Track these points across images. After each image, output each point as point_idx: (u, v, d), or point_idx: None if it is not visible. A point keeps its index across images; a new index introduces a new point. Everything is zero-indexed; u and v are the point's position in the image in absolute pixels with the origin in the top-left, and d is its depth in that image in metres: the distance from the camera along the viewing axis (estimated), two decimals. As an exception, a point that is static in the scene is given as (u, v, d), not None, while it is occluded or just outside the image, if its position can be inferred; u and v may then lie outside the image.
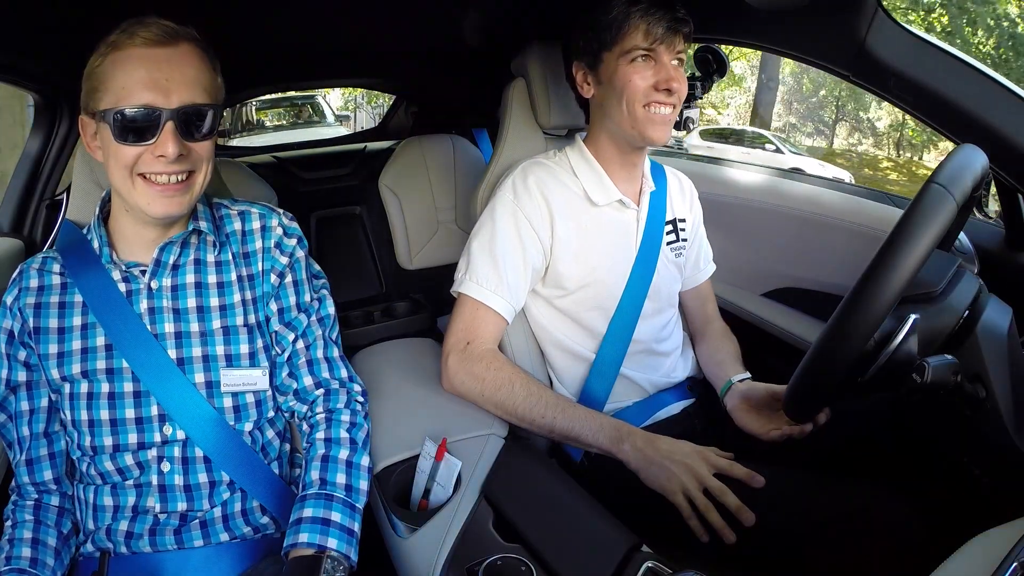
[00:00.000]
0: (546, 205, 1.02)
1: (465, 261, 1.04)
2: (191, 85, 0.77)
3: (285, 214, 0.96)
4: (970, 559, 0.56)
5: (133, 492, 0.83)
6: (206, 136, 0.80)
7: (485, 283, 1.01)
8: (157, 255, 0.85)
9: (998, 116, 0.89)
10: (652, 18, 0.94)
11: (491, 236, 1.02)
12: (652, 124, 0.98)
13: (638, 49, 0.96)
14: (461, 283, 1.03)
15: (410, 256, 2.16)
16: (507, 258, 1.01)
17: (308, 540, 0.78)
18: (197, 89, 0.78)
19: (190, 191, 0.81)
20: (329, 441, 0.88)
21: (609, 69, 0.99)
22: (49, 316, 0.84)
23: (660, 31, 0.94)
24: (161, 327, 0.84)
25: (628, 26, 0.96)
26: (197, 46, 0.79)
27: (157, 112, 0.75)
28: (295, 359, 0.92)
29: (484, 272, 1.01)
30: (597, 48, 1.00)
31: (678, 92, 0.97)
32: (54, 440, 0.86)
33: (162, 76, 0.76)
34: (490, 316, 1.01)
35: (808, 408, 0.75)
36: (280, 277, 0.92)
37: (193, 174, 0.80)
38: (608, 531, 0.76)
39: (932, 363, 0.66)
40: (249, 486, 0.86)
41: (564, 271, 1.04)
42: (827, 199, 1.45)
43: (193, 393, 0.84)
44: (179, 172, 0.79)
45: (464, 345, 1.01)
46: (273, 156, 2.26)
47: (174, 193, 0.79)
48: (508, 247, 1.01)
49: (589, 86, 1.04)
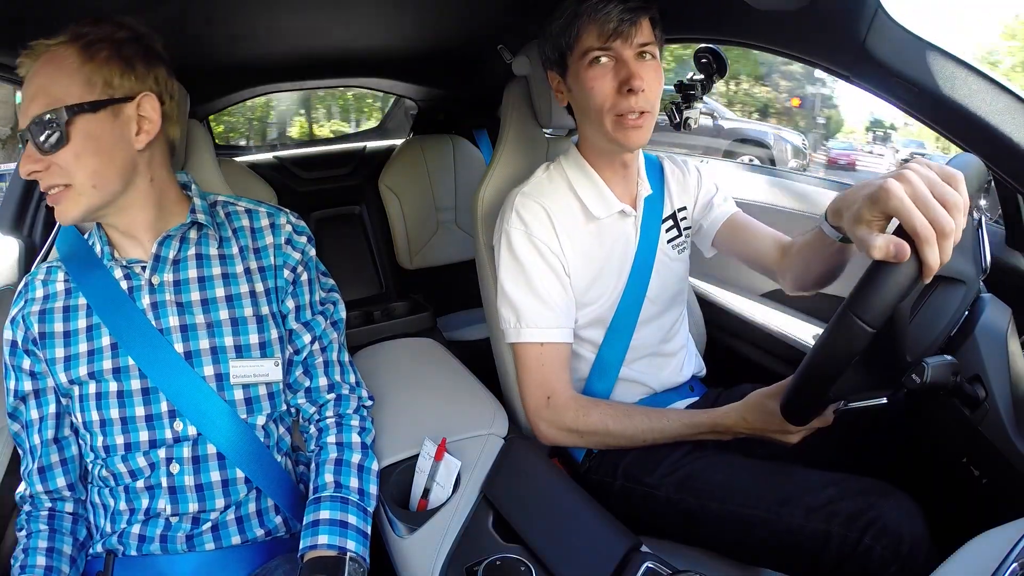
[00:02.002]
0: (553, 229, 0.99)
1: (509, 309, 0.99)
2: (34, 98, 0.74)
3: (292, 213, 0.95)
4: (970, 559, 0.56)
5: (145, 495, 0.82)
6: (58, 145, 0.74)
7: (542, 323, 0.97)
8: (156, 250, 0.84)
9: (998, 116, 0.89)
10: (601, 14, 0.87)
11: (524, 274, 0.98)
12: (623, 130, 0.92)
13: (593, 50, 0.89)
14: (518, 333, 0.98)
15: (410, 256, 2.16)
16: (548, 289, 0.98)
17: (329, 542, 0.78)
18: (39, 99, 0.74)
19: (72, 198, 0.77)
20: (341, 445, 0.89)
21: (572, 75, 0.95)
22: (54, 321, 0.83)
23: (612, 25, 0.87)
24: (166, 321, 0.84)
25: (578, 27, 0.90)
26: (59, 50, 0.76)
27: (20, 135, 0.76)
28: (311, 359, 0.92)
29: (535, 313, 0.98)
30: (561, 54, 0.95)
31: (646, 89, 0.89)
32: (64, 446, 0.85)
33: (23, 100, 0.76)
34: (556, 351, 0.98)
35: (808, 411, 0.75)
36: (293, 273, 0.91)
37: (68, 187, 0.76)
38: (608, 531, 0.76)
39: (932, 363, 0.66)
40: (263, 483, 0.86)
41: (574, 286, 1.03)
42: (827, 199, 1.45)
43: (202, 386, 0.82)
44: (51, 187, 0.77)
45: (546, 401, 0.98)
46: (273, 156, 2.27)
47: (54, 202, 0.78)
48: (544, 278, 0.98)
49: (563, 94, 1.00)
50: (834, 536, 0.77)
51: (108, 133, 0.77)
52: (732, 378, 1.17)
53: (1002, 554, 0.53)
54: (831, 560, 0.77)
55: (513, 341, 1.00)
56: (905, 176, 0.58)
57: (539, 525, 0.78)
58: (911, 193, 0.57)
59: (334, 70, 1.88)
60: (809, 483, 0.83)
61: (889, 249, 0.56)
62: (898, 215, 0.57)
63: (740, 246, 1.13)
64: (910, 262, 0.56)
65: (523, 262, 0.98)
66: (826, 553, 0.77)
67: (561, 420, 0.97)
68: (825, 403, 0.72)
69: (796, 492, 0.83)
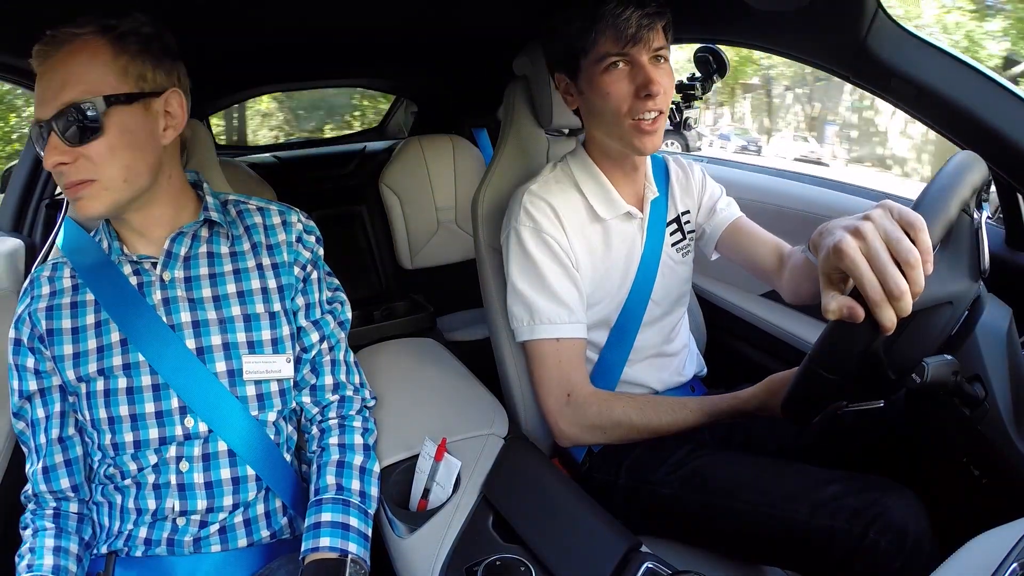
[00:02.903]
0: (561, 226, 0.99)
1: (522, 307, 0.98)
2: (64, 86, 0.72)
3: (302, 212, 0.95)
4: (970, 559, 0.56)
5: (152, 495, 0.82)
6: (92, 136, 0.72)
7: (556, 318, 0.96)
8: (168, 246, 0.84)
9: (998, 116, 0.89)
10: (620, 20, 0.87)
11: (535, 271, 0.97)
12: (639, 135, 0.92)
13: (610, 55, 0.89)
14: (532, 331, 0.97)
15: (410, 256, 2.16)
16: (561, 284, 0.97)
17: (331, 544, 0.78)
18: (72, 87, 0.72)
19: (95, 194, 0.75)
20: (343, 447, 0.89)
21: (586, 79, 0.94)
22: (62, 317, 0.83)
23: (631, 31, 0.87)
24: (177, 317, 0.83)
25: (596, 32, 0.89)
26: (89, 39, 0.73)
27: (40, 126, 0.73)
28: (319, 358, 0.92)
29: (548, 309, 0.97)
30: (573, 56, 0.95)
31: (662, 94, 0.90)
32: (69, 446, 0.85)
33: (42, 89, 0.73)
34: (573, 347, 0.97)
35: (808, 410, 0.75)
36: (303, 271, 0.91)
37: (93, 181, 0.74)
38: (607, 531, 0.76)
39: (931, 363, 0.66)
40: (272, 481, 0.86)
41: None
42: (827, 199, 1.45)
43: (214, 383, 0.82)
44: (73, 184, 0.74)
45: (566, 399, 0.96)
46: (274, 156, 2.27)
47: (75, 196, 0.75)
48: (556, 274, 0.97)
49: (573, 97, 1.00)
50: (839, 531, 0.77)
51: (141, 127, 0.77)
52: (733, 378, 1.17)
53: (1002, 554, 0.53)
54: (837, 555, 0.77)
55: (526, 339, 0.99)
56: (862, 231, 0.58)
57: (539, 525, 0.78)
58: (866, 251, 0.57)
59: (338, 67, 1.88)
60: (813, 479, 0.84)
61: (843, 312, 0.58)
62: (851, 276, 0.58)
63: (742, 252, 1.14)
64: (866, 320, 0.57)
65: (534, 259, 0.97)
66: (832, 548, 0.78)
67: (584, 416, 0.95)
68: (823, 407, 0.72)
69: (801, 488, 0.83)
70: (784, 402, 0.74)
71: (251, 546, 0.85)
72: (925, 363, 0.66)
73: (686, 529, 0.92)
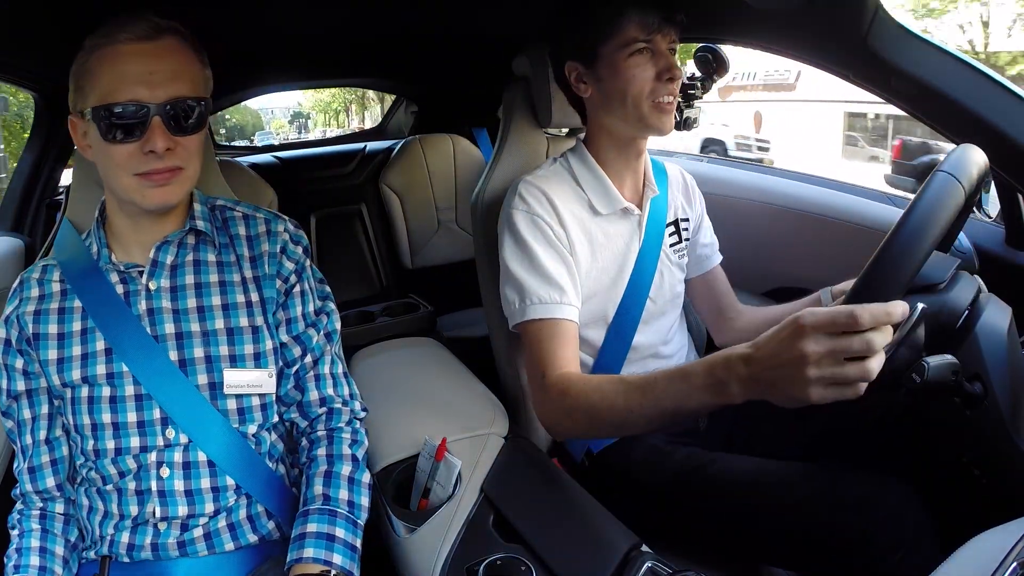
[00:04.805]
0: (555, 211, 0.99)
1: (513, 290, 0.97)
2: (177, 78, 0.76)
3: (291, 221, 0.94)
4: (970, 559, 0.56)
5: (135, 500, 0.82)
6: (195, 130, 0.79)
7: (547, 299, 0.95)
8: (154, 255, 0.84)
9: (998, 116, 0.89)
10: (647, 9, 0.94)
11: (527, 253, 0.97)
12: (660, 114, 0.97)
13: (637, 41, 0.94)
14: (523, 312, 0.95)
15: (411, 255, 2.16)
16: (552, 265, 0.97)
17: (314, 556, 0.77)
18: (183, 82, 0.77)
19: (182, 182, 0.80)
20: (331, 457, 0.88)
21: (607, 64, 0.97)
22: (48, 322, 0.83)
23: (656, 21, 0.93)
24: (161, 328, 0.83)
25: (623, 18, 0.95)
26: (182, 39, 0.78)
27: (144, 107, 0.74)
28: (303, 372, 0.91)
29: (539, 290, 0.95)
30: (592, 44, 0.98)
31: (678, 80, 0.97)
32: (55, 447, 0.85)
33: (147, 70, 0.74)
34: (562, 328, 0.94)
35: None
36: (285, 283, 0.90)
37: (182, 170, 0.79)
38: (608, 531, 0.76)
39: (931, 363, 0.66)
40: (254, 490, 0.86)
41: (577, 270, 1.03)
42: (827, 199, 1.45)
43: (195, 395, 0.82)
44: (168, 169, 0.77)
45: (540, 382, 0.91)
46: (274, 156, 2.27)
47: (165, 181, 0.78)
48: (547, 255, 0.97)
49: (586, 85, 1.02)
50: (839, 525, 0.77)
51: None
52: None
53: (1002, 554, 0.53)
54: (838, 549, 0.77)
55: (518, 321, 0.97)
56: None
57: (540, 524, 0.78)
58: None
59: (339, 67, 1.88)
60: (813, 475, 0.84)
61: None
62: None
63: (705, 298, 1.23)
64: None
65: (526, 240, 0.97)
66: (833, 542, 0.78)
67: (549, 399, 0.89)
68: None
69: (800, 484, 0.83)
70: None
71: (239, 549, 0.85)
72: (925, 362, 0.66)
73: (686, 529, 0.92)
